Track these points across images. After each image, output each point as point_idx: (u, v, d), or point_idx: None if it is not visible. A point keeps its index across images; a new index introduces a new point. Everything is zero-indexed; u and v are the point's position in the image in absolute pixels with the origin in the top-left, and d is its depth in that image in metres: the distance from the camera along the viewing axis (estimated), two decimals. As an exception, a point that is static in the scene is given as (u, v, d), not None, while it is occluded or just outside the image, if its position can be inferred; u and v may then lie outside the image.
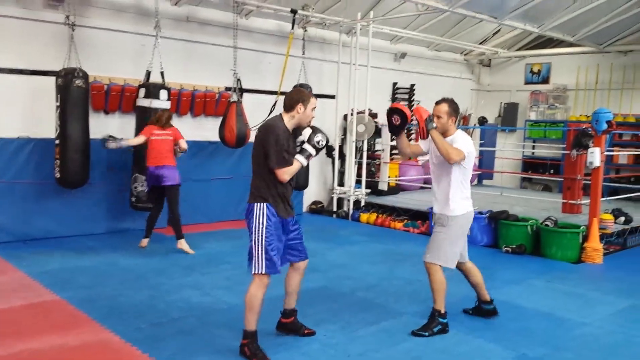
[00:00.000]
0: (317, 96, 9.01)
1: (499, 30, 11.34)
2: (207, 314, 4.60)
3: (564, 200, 8.20)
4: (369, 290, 5.36)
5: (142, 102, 6.90)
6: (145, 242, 6.68)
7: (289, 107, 3.79)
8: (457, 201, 4.25)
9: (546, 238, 6.97)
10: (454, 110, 4.29)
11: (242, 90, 7.91)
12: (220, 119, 7.87)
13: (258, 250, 3.70)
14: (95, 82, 7.17)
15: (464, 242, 4.44)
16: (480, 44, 11.77)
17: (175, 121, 7.09)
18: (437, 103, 4.35)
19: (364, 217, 9.10)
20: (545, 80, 12.06)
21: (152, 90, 6.87)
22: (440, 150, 4.14)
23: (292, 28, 8.48)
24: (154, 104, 6.80)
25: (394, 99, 11.19)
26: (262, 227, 3.69)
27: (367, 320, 4.54)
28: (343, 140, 9.82)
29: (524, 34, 11.39)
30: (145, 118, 6.77)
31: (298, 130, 3.85)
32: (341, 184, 9.77)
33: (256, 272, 3.72)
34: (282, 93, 8.53)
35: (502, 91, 12.73)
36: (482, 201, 8.85)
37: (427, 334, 4.22)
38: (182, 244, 6.53)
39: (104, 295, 4.99)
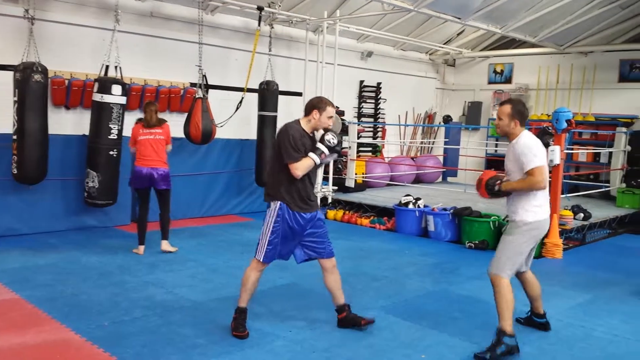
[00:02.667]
0: (284, 93, 9.18)
1: (463, 30, 11.52)
2: (171, 312, 4.55)
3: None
4: (335, 287, 5.37)
5: (95, 96, 6.72)
6: (141, 249, 6.29)
7: (307, 111, 4.07)
8: (526, 207, 3.91)
9: (508, 234, 7.10)
10: (517, 113, 3.91)
11: (207, 87, 7.83)
12: (185, 115, 7.78)
13: (263, 240, 4.06)
14: (56, 77, 7.01)
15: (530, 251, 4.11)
16: (444, 44, 11.94)
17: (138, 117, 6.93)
18: (501, 104, 4.01)
19: (331, 213, 9.12)
20: (508, 80, 12.31)
21: (105, 85, 6.61)
22: (524, 190, 3.87)
23: (259, 25, 8.44)
24: (106, 98, 6.57)
25: (361, 97, 11.25)
26: (271, 222, 4.03)
27: (333, 316, 4.53)
28: (310, 138, 9.82)
29: (488, 35, 11.60)
30: (100, 114, 6.60)
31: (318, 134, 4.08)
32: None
33: (255, 257, 4.10)
34: (248, 90, 8.50)
35: (466, 90, 12.94)
36: (447, 198, 8.99)
37: (488, 356, 3.79)
38: (166, 245, 6.38)
39: (65, 294, 4.88)
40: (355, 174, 10.08)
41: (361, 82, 11.19)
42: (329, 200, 9.50)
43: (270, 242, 4.04)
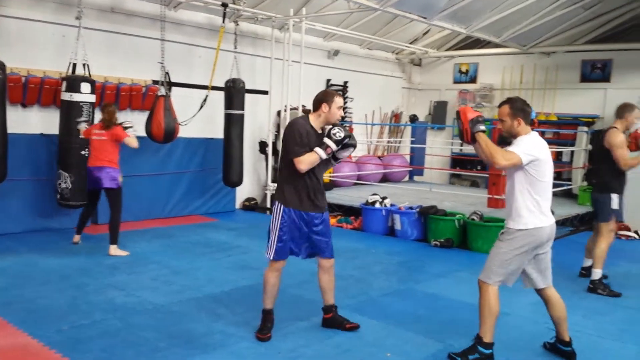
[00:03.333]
0: (250, 92, 9.08)
1: (429, 30, 11.60)
2: (132, 315, 4.43)
3: (490, 196, 8.50)
4: (300, 287, 5.33)
5: (64, 96, 6.55)
6: (77, 238, 6.56)
7: (315, 107, 4.00)
8: (523, 214, 3.65)
9: (473, 232, 7.19)
10: (518, 110, 3.67)
11: (170, 84, 7.68)
12: (147, 113, 7.61)
13: (271, 238, 4.01)
14: (12, 74, 6.75)
15: (540, 262, 3.81)
16: (411, 43, 12.01)
17: (97, 115, 6.76)
18: (499, 106, 3.80)
19: (298, 213, 9.06)
20: (473, 80, 12.46)
21: (73, 84, 6.46)
22: (485, 153, 3.64)
23: (223, 22, 8.32)
24: (75, 97, 6.43)
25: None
26: (278, 220, 4.00)
27: (298, 316, 4.51)
28: (277, 137, 9.76)
29: (453, 35, 11.71)
30: (70, 113, 6.44)
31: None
32: (275, 180, 9.69)
33: (268, 257, 4.06)
34: (213, 87, 8.38)
35: (432, 90, 13.05)
36: (413, 197, 9.05)
37: (459, 359, 3.72)
38: (115, 250, 6.23)
39: (22, 298, 4.70)
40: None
41: (328, 80, 11.17)
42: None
43: (279, 239, 3.99)
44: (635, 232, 8.68)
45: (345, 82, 11.43)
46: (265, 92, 9.57)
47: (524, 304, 5.02)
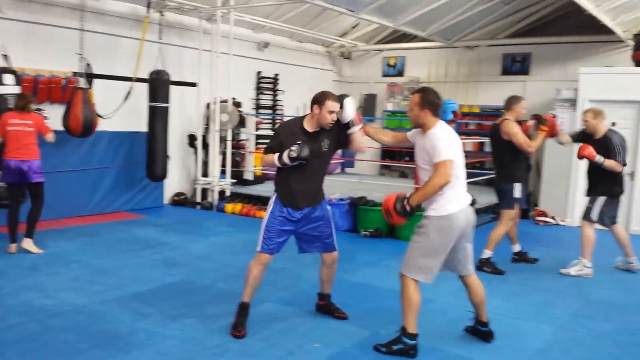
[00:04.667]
0: (177, 84, 8.87)
1: (358, 24, 11.71)
2: (51, 317, 4.24)
3: (417, 186, 8.68)
4: (230, 281, 5.28)
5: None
6: (13, 247, 5.95)
7: (310, 107, 4.01)
8: (438, 200, 3.63)
9: (401, 222, 7.34)
10: (426, 102, 3.67)
11: (92, 76, 7.38)
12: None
13: (261, 232, 4.05)
14: None
15: (459, 251, 3.81)
16: (340, 36, 12.09)
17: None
18: (412, 94, 3.81)
19: (229, 207, 8.97)
20: (401, 73, 12.70)
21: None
22: (430, 194, 3.60)
23: (147, 12, 8.07)
24: (-2, 89, 6.10)
25: (258, 88, 11.13)
26: (268, 214, 4.06)
27: (226, 311, 4.44)
28: (206, 130, 9.59)
29: (381, 29, 11.87)
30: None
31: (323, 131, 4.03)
32: (205, 174, 9.54)
33: (256, 249, 4.06)
34: (138, 79, 8.12)
35: (362, 83, 13.19)
36: (344, 188, 9.13)
37: (384, 349, 3.78)
38: (28, 244, 5.97)
39: None
40: (254, 166, 9.98)
41: (258, 73, 11.07)
42: (227, 194, 9.34)
43: (267, 232, 4.01)
44: (553, 217, 9.15)
45: (276, 75, 11.38)
46: (194, 85, 9.37)
47: (448, 290, 5.19)
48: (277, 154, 3.93)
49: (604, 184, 5.88)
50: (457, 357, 3.84)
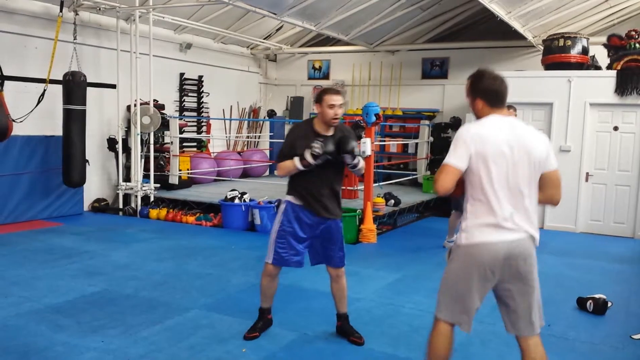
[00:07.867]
0: (95, 85, 8.54)
1: (282, 26, 11.73)
2: (-42, 334, 3.97)
3: (343, 187, 8.82)
4: (154, 289, 5.14)
5: None
6: None
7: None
8: (465, 225, 2.85)
9: (328, 223, 7.42)
10: (477, 90, 3.03)
11: (3, 78, 6.97)
12: (-25, 110, 6.86)
13: (270, 241, 3.91)
14: None
15: (504, 298, 2.93)
16: (265, 39, 12.07)
17: None
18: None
19: (154, 213, 8.74)
20: (326, 76, 12.85)
21: None
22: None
23: (61, 11, 7.72)
24: None
25: (182, 90, 10.92)
26: (278, 222, 3.90)
27: (151, 320, 4.34)
28: (127, 133, 9.29)
29: (305, 32, 11.94)
30: None
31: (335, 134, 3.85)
32: (127, 179, 9.24)
33: (265, 260, 3.96)
34: (51, 81, 7.75)
35: (288, 85, 13.24)
36: (273, 191, 9.12)
37: None
38: None
39: None
40: (180, 170, 9.77)
41: (182, 74, 10.86)
42: (151, 199, 9.09)
43: (277, 244, 3.89)
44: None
45: (200, 77, 11.21)
46: (113, 86, 9.05)
47: (375, 288, 5.31)
48: (296, 157, 3.74)
49: None
50: (382, 355, 3.92)
